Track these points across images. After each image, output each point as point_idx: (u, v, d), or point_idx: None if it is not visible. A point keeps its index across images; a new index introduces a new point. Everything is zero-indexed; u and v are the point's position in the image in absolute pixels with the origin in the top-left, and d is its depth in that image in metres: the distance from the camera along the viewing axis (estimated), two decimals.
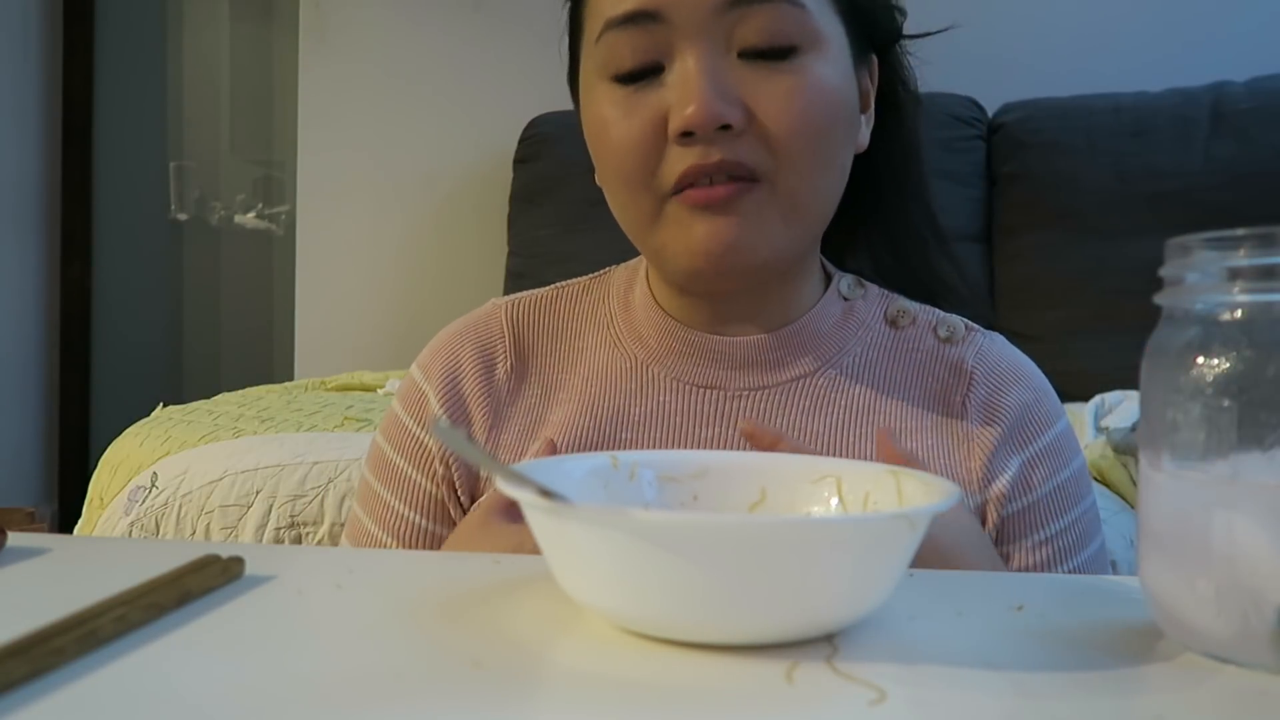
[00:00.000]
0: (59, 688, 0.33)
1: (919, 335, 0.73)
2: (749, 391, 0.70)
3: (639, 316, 0.73)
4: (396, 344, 2.58)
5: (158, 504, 1.26)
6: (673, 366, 0.71)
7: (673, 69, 0.64)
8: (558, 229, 2.24)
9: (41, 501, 2.99)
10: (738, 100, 0.63)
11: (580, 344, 0.74)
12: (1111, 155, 1.92)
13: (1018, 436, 0.69)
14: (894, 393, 0.70)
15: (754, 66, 0.64)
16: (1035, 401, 0.71)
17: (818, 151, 0.65)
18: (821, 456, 0.67)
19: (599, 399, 0.71)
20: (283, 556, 0.55)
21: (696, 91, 0.62)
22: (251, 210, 3.20)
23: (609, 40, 0.65)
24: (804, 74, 0.64)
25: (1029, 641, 0.41)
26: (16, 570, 0.48)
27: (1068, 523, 0.69)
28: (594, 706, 0.34)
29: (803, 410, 0.69)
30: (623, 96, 0.65)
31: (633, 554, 0.38)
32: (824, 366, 0.71)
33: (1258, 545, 0.37)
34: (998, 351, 0.72)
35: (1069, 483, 0.70)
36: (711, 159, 0.63)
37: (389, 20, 2.63)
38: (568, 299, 0.76)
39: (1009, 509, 0.68)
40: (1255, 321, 0.38)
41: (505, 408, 0.72)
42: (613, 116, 0.66)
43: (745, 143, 0.63)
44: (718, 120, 0.62)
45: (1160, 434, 0.40)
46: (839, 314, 0.73)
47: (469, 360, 0.73)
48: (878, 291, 0.75)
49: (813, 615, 0.39)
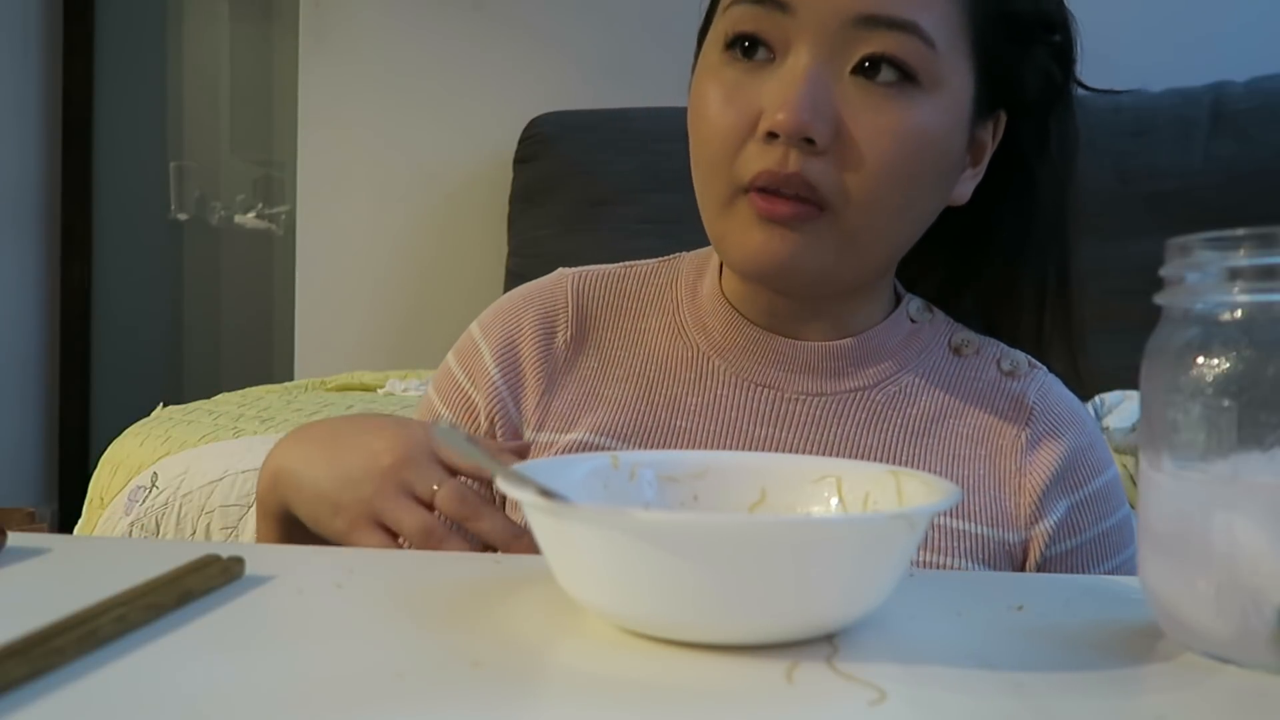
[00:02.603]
0: (59, 688, 0.33)
1: (982, 365, 0.72)
2: (807, 397, 0.69)
3: (705, 307, 0.73)
4: (396, 344, 2.58)
5: (158, 504, 1.26)
6: (734, 361, 0.70)
7: (784, 63, 0.63)
8: (558, 229, 2.24)
9: (41, 501, 2.99)
10: (831, 118, 0.61)
11: (643, 325, 0.74)
12: (1111, 155, 1.92)
13: (1070, 479, 0.69)
14: (951, 418, 0.70)
15: (863, 89, 0.62)
16: (1089, 446, 0.70)
17: (893, 194, 0.63)
18: (822, 457, 0.67)
19: (657, 383, 0.71)
20: (283, 556, 0.55)
21: (793, 97, 0.61)
22: (251, 210, 3.20)
23: (735, 12, 0.64)
24: (909, 113, 0.62)
25: (1029, 641, 0.41)
26: (16, 570, 0.48)
27: (1109, 569, 0.69)
28: (594, 706, 0.34)
29: (858, 423, 0.69)
30: (731, 75, 0.64)
31: (633, 554, 0.38)
32: (884, 382, 0.70)
33: (1258, 545, 0.37)
34: (1058, 393, 0.72)
35: (1114, 530, 0.70)
36: (787, 168, 0.61)
37: (389, 20, 2.63)
38: (635, 279, 0.76)
39: (1052, 550, 0.68)
40: (1255, 321, 0.38)
41: (561, 375, 0.72)
42: (714, 95, 0.65)
43: (824, 163, 0.62)
44: (804, 131, 0.61)
45: (1160, 434, 0.40)
46: (904, 335, 0.72)
47: (530, 324, 0.73)
48: (944, 319, 0.74)
49: (813, 615, 0.39)
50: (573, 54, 2.56)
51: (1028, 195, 0.73)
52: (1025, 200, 0.73)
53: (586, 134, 2.36)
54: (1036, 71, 0.69)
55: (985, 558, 0.66)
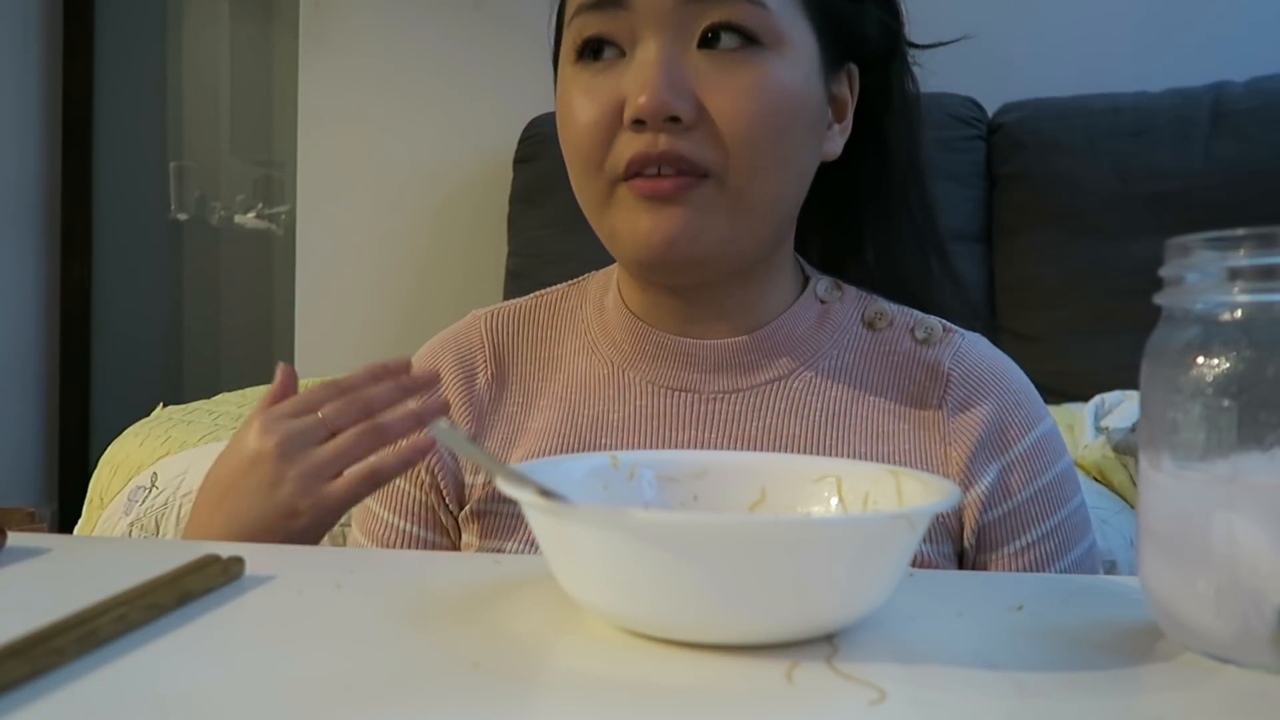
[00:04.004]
0: (59, 688, 0.33)
1: (896, 337, 0.72)
2: (724, 394, 0.70)
3: (612, 321, 0.73)
4: (396, 344, 2.58)
5: (158, 504, 1.26)
6: (646, 370, 0.71)
7: (634, 55, 0.65)
8: (558, 229, 2.24)
9: (41, 501, 2.99)
10: (689, 93, 0.64)
11: (559, 351, 0.74)
12: (1111, 155, 1.92)
13: (995, 442, 0.68)
14: (871, 395, 0.70)
15: (712, 60, 0.64)
16: (1015, 405, 0.69)
17: (769, 151, 0.65)
18: (822, 457, 0.67)
19: (578, 405, 0.71)
20: (283, 556, 0.55)
21: (650, 81, 0.63)
22: (251, 210, 3.20)
23: (578, 23, 0.67)
24: (759, 72, 0.64)
25: (1029, 641, 0.41)
26: (16, 570, 0.48)
27: (1051, 527, 0.68)
28: (594, 706, 0.34)
29: (778, 413, 0.69)
30: (586, 79, 0.67)
31: (632, 554, 0.38)
32: (799, 369, 0.70)
33: (1258, 545, 0.37)
34: (977, 353, 0.71)
35: (1051, 486, 0.69)
36: (658, 148, 0.63)
37: (389, 20, 2.63)
38: (546, 307, 0.77)
39: (988, 516, 0.67)
40: (1255, 321, 0.38)
41: (488, 415, 0.73)
42: (575, 98, 0.67)
43: (695, 137, 0.64)
44: (666, 111, 0.63)
45: (1160, 434, 0.40)
46: (814, 317, 0.72)
47: (450, 370, 0.74)
48: (855, 293, 0.75)
49: (813, 615, 0.39)
50: None
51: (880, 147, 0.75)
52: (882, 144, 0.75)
53: None
54: (874, 22, 0.72)
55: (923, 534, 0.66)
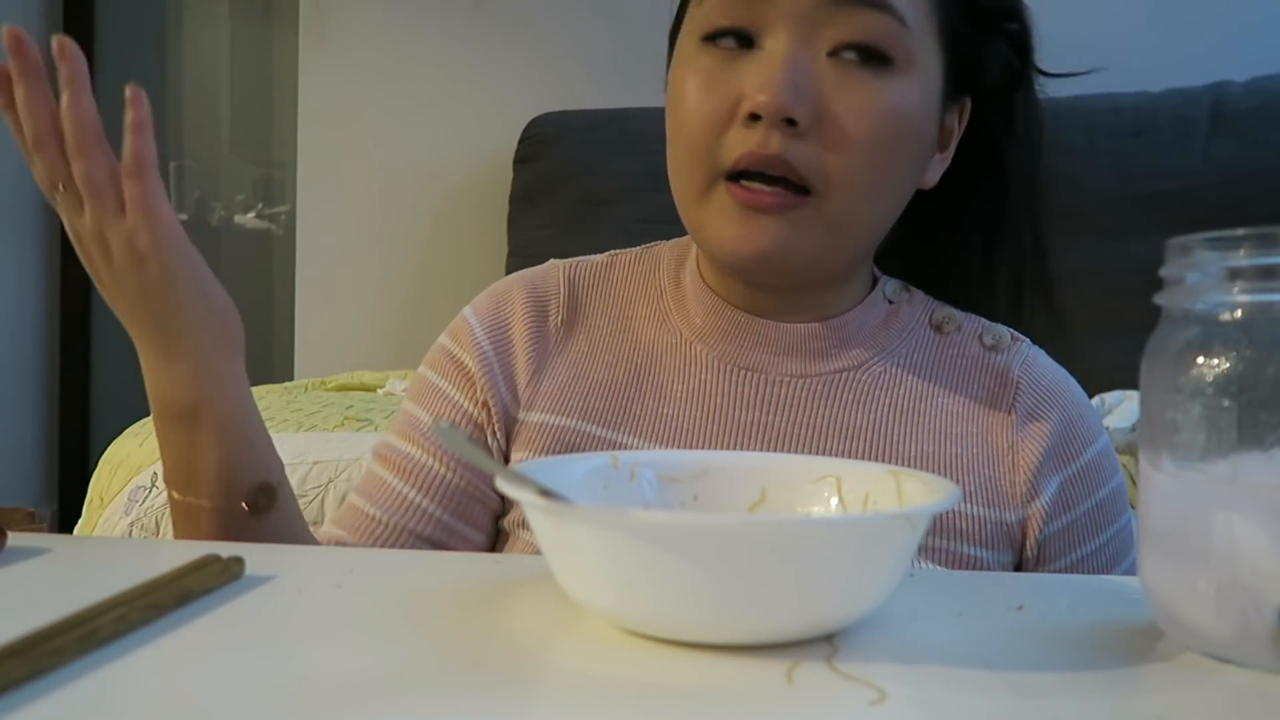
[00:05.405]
0: (59, 688, 0.33)
1: (964, 341, 0.72)
2: (792, 378, 0.69)
3: (688, 294, 0.73)
4: (396, 344, 2.58)
5: (158, 504, 1.26)
6: (717, 346, 0.71)
7: (761, 48, 0.64)
8: (558, 229, 2.24)
9: (41, 501, 2.99)
10: (810, 98, 0.62)
11: (630, 313, 0.74)
12: (1111, 155, 1.92)
13: (1059, 454, 0.68)
14: (940, 395, 0.69)
15: (839, 69, 0.63)
16: (1078, 417, 0.70)
17: (876, 176, 0.64)
18: (822, 457, 0.67)
19: (644, 370, 0.71)
20: (283, 556, 0.55)
21: (773, 79, 0.62)
22: (251, 210, 3.20)
23: (711, 3, 0.65)
24: (886, 92, 0.63)
25: (1029, 641, 0.41)
26: (16, 570, 0.48)
27: (1102, 542, 0.69)
28: (594, 706, 0.34)
29: (845, 404, 0.69)
30: (708, 65, 0.65)
31: (632, 554, 0.38)
32: (870, 361, 0.70)
33: (1258, 545, 0.37)
34: (1042, 363, 0.72)
35: (1106, 502, 0.69)
36: (769, 149, 0.62)
37: (389, 20, 2.63)
38: (621, 267, 0.77)
39: (1049, 529, 0.67)
40: (1255, 321, 0.38)
41: (551, 357, 0.72)
42: (693, 83, 0.65)
43: (806, 144, 0.62)
44: (785, 111, 0.61)
45: (1160, 434, 0.40)
46: (882, 315, 0.72)
47: (522, 305, 0.74)
48: (923, 297, 0.75)
49: (813, 615, 0.39)
50: (573, 54, 2.56)
51: (999, 179, 0.74)
52: (997, 184, 0.74)
53: (586, 134, 2.36)
54: (998, 58, 0.72)
55: (983, 539, 0.66)
